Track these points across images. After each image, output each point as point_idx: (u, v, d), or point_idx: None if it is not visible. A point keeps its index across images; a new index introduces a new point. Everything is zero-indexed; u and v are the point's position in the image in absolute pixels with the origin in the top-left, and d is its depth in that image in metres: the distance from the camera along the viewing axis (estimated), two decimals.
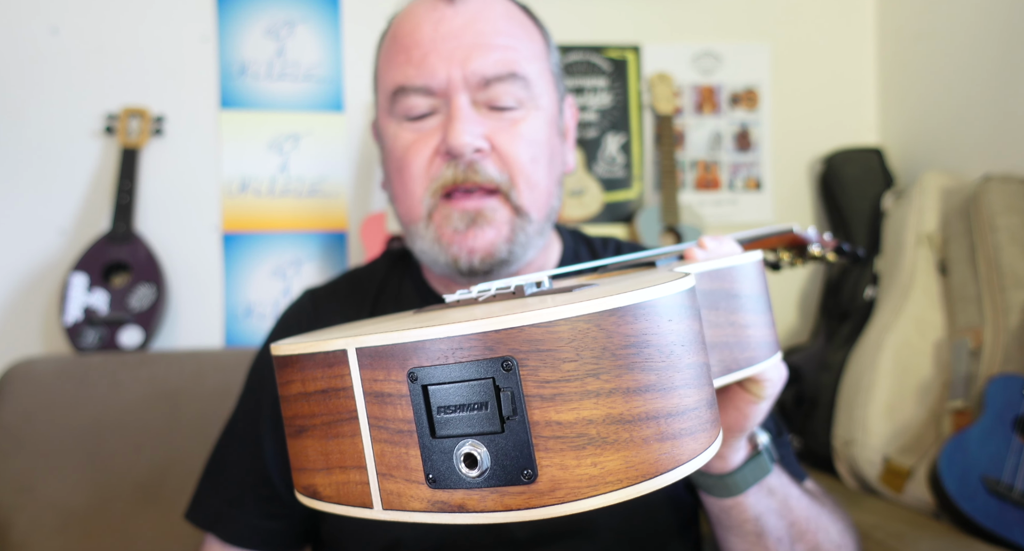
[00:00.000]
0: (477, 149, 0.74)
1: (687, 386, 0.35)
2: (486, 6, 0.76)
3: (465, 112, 0.74)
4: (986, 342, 1.41)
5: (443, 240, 0.76)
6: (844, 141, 2.01)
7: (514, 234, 0.76)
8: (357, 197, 1.83)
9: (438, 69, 0.73)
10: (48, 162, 1.71)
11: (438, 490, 0.34)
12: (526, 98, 0.76)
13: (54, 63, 1.71)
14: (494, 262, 0.76)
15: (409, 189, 0.77)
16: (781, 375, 0.59)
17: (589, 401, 0.32)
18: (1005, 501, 1.20)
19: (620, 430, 0.32)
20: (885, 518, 1.33)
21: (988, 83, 1.67)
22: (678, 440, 0.34)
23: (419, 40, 0.75)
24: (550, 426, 0.32)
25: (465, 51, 0.73)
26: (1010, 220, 1.45)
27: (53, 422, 1.42)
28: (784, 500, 0.69)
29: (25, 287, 1.69)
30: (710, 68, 2.00)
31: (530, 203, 0.77)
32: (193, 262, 1.75)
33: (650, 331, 0.34)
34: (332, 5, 1.83)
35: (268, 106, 1.80)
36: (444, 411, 0.33)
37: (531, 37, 0.79)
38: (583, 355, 0.32)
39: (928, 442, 1.44)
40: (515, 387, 0.32)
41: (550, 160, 0.80)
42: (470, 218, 0.75)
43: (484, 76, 0.74)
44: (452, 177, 0.74)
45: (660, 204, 1.87)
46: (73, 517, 1.37)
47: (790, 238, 0.78)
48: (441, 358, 0.32)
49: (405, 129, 0.77)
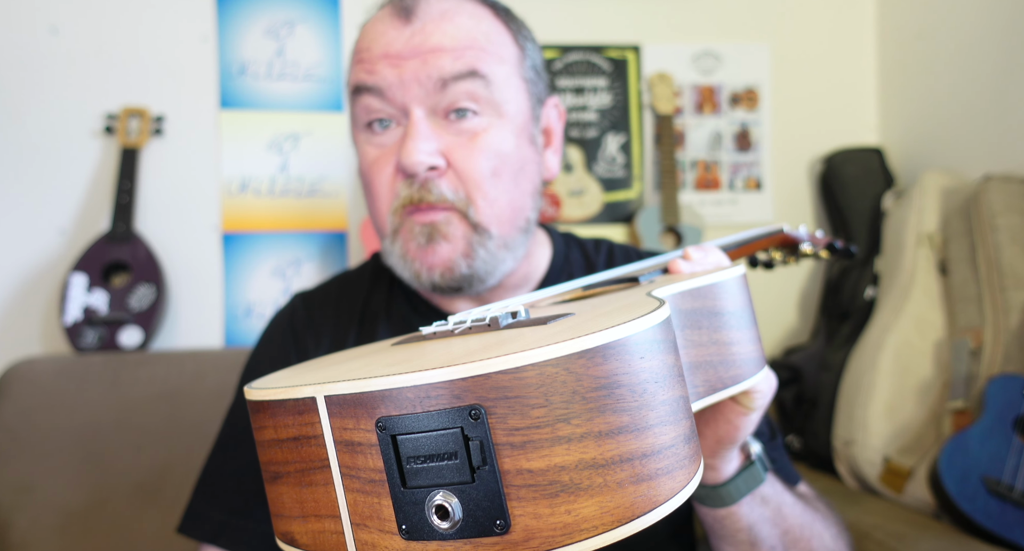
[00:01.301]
0: (431, 167, 0.72)
1: (662, 424, 0.34)
2: (444, 19, 0.73)
3: (419, 127, 0.72)
4: (986, 342, 1.41)
5: (408, 256, 0.76)
6: (844, 141, 2.01)
7: (472, 250, 0.75)
8: (357, 197, 1.83)
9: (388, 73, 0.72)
10: (48, 162, 1.71)
11: (412, 542, 0.33)
12: (487, 100, 0.73)
13: (54, 63, 1.71)
14: (455, 278, 0.75)
15: (376, 206, 0.77)
16: (771, 386, 0.58)
17: (560, 447, 0.31)
18: (1006, 501, 1.20)
19: (594, 475, 0.32)
20: (885, 518, 1.32)
21: (988, 83, 1.67)
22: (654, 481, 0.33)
23: (373, 50, 0.74)
24: (521, 474, 0.31)
25: (421, 57, 0.72)
26: (1010, 220, 1.44)
27: (53, 422, 1.42)
28: (778, 508, 0.69)
29: (25, 287, 1.69)
30: (710, 68, 2.00)
31: (489, 219, 0.75)
32: (193, 262, 1.75)
33: (621, 371, 0.33)
34: (332, 5, 1.83)
35: (268, 106, 1.80)
36: (414, 461, 0.33)
37: (500, 40, 0.76)
38: (552, 400, 0.31)
39: (928, 442, 1.44)
40: (484, 436, 0.31)
41: (518, 172, 0.76)
42: (427, 233, 0.74)
43: (440, 76, 0.71)
44: (408, 196, 0.74)
45: (660, 204, 1.87)
46: (73, 517, 1.37)
47: (781, 238, 0.78)
48: (409, 407, 0.32)
49: (370, 144, 0.77)
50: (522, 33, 0.81)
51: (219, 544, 0.79)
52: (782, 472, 0.80)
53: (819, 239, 0.81)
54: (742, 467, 0.65)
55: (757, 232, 0.77)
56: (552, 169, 0.85)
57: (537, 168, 0.81)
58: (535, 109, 0.81)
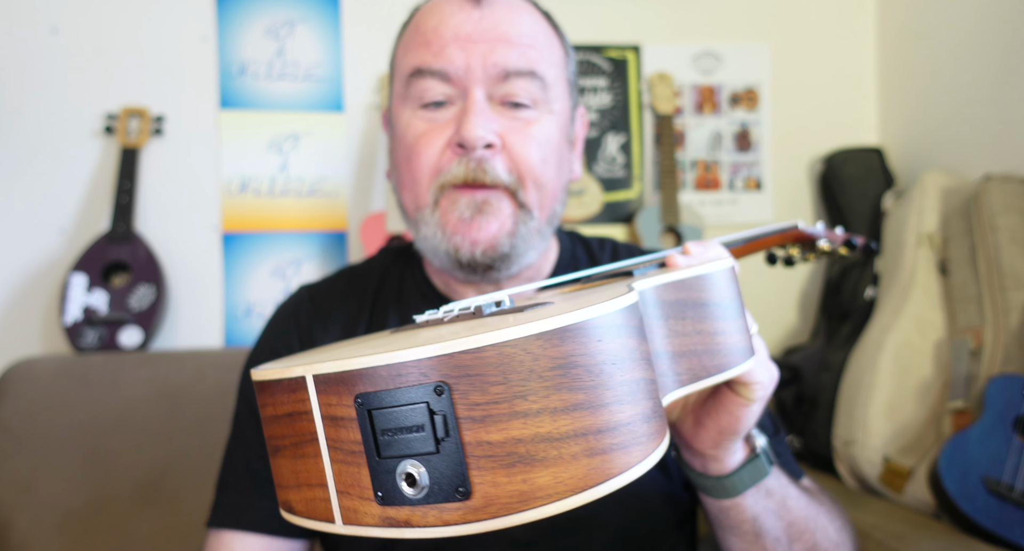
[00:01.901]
0: (489, 144, 0.74)
1: (619, 402, 0.36)
2: (511, 11, 0.77)
3: (481, 106, 0.74)
4: (986, 342, 1.41)
5: (447, 227, 0.76)
6: (844, 141, 2.01)
7: (516, 228, 0.77)
8: (357, 197, 1.83)
9: (456, 57, 0.74)
10: (48, 162, 1.71)
11: (387, 507, 0.36)
12: (541, 99, 0.77)
13: (54, 63, 1.71)
14: (496, 256, 0.76)
15: (417, 177, 0.77)
16: (771, 377, 0.59)
17: (517, 421, 0.34)
18: (1006, 501, 1.20)
19: (548, 448, 0.34)
20: (885, 518, 1.32)
21: (988, 83, 1.67)
22: (608, 455, 0.36)
23: (442, 33, 0.76)
24: (481, 446, 0.34)
25: (490, 44, 0.75)
26: (1010, 220, 1.44)
27: (53, 422, 1.42)
28: (782, 500, 0.69)
29: (25, 287, 1.69)
30: (710, 68, 1.99)
31: (535, 202, 0.77)
32: (193, 262, 1.75)
33: (577, 352, 0.35)
34: (332, 5, 1.83)
35: (268, 106, 1.80)
36: (387, 433, 0.36)
37: (552, 44, 0.80)
38: (510, 378, 0.34)
39: (928, 442, 1.44)
40: (447, 411, 0.34)
41: (559, 165, 0.80)
42: (476, 206, 0.75)
43: (505, 68, 0.74)
44: (462, 175, 0.75)
45: (660, 204, 1.87)
46: (73, 517, 1.37)
47: (795, 235, 0.78)
48: (383, 384, 0.35)
49: (418, 117, 0.77)
50: (565, 41, 0.86)
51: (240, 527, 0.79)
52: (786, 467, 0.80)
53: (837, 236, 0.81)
54: (747, 460, 0.65)
55: (771, 228, 0.77)
56: (577, 172, 0.88)
57: (569, 167, 0.85)
58: (572, 112, 0.85)
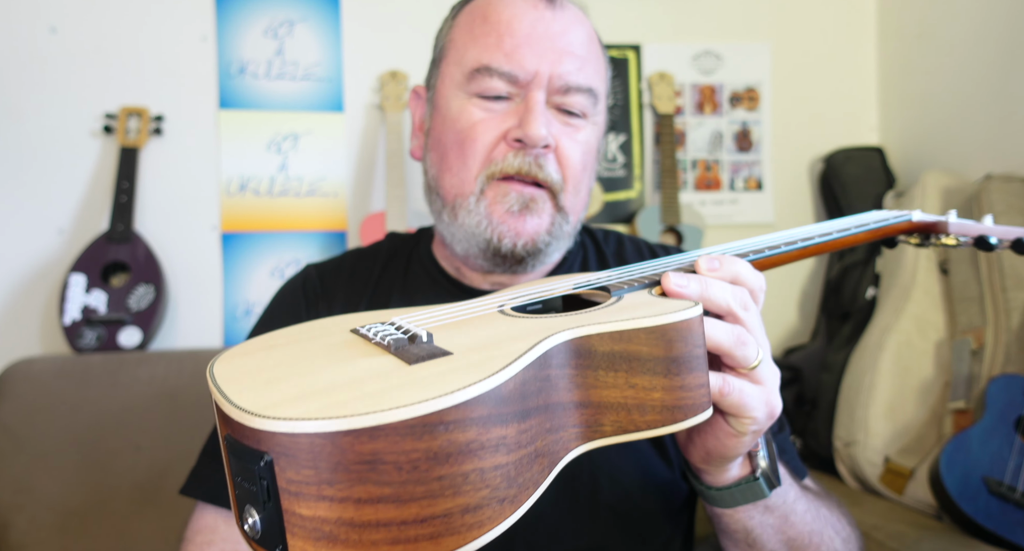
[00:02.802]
0: (547, 145, 0.77)
1: (432, 496, 0.38)
2: (578, 22, 0.80)
3: (542, 107, 0.77)
4: (988, 342, 1.41)
5: (494, 217, 0.78)
6: (845, 140, 2.01)
7: (554, 228, 0.80)
8: (356, 197, 1.83)
9: (528, 62, 0.76)
10: (47, 162, 1.71)
11: (243, 536, 0.42)
12: (591, 112, 0.81)
13: (53, 62, 1.71)
14: (533, 250, 0.80)
15: (467, 164, 0.79)
16: (770, 413, 0.56)
17: (324, 504, 0.37)
18: (1007, 502, 1.20)
19: (350, 531, 0.37)
20: (886, 519, 1.32)
21: (989, 82, 1.67)
22: (413, 544, 0.38)
23: (515, 30, 0.77)
24: (295, 516, 0.38)
25: (558, 54, 0.77)
26: (1012, 220, 1.44)
27: (52, 422, 1.42)
28: (784, 516, 0.68)
29: (24, 287, 1.68)
30: (711, 68, 1.99)
31: (571, 205, 0.81)
32: (192, 262, 1.75)
33: (387, 450, 0.37)
34: (332, 5, 1.83)
35: (267, 106, 1.79)
36: (239, 478, 0.40)
37: (601, 58, 0.84)
38: (320, 465, 0.37)
39: (929, 443, 1.44)
40: (270, 479, 0.38)
41: (592, 173, 0.85)
42: (524, 202, 0.78)
43: (567, 83, 0.77)
44: (517, 167, 0.77)
45: (660, 204, 1.87)
46: (72, 517, 1.37)
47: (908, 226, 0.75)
48: (240, 435, 0.39)
49: (475, 105, 0.79)
50: (606, 53, 0.88)
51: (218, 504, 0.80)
52: (790, 464, 0.79)
53: (991, 229, 0.76)
54: (742, 479, 0.64)
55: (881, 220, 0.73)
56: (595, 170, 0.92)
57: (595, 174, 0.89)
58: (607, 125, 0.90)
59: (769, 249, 0.64)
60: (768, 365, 0.56)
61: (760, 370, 0.55)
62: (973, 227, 0.74)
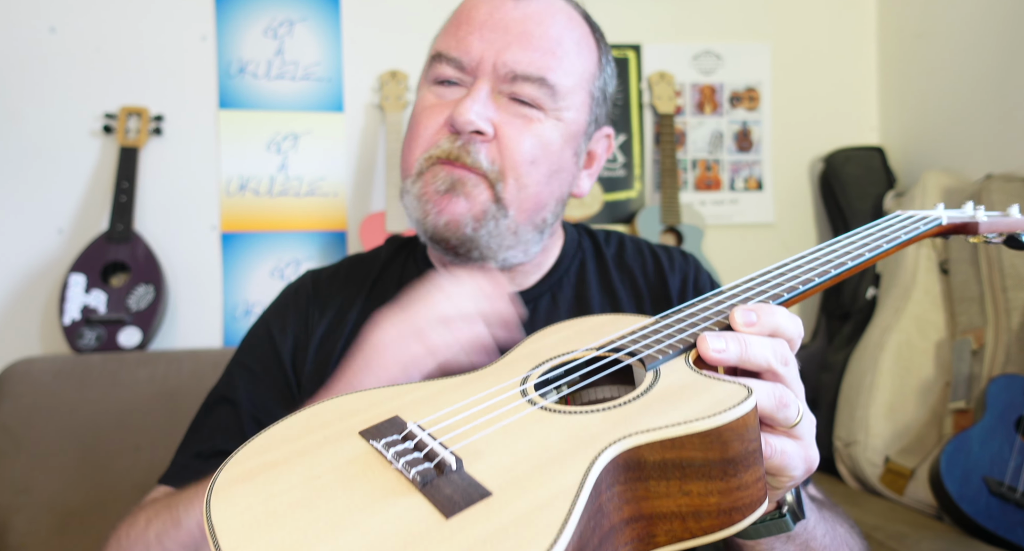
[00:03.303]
0: (477, 130, 0.76)
1: None
2: (547, 12, 0.78)
3: (480, 94, 0.76)
4: (988, 342, 1.41)
5: (424, 197, 0.78)
6: (845, 140, 2.01)
7: (484, 216, 0.77)
8: (357, 197, 1.83)
9: (474, 48, 0.76)
10: (46, 162, 1.70)
11: None
12: (549, 106, 0.78)
13: (53, 62, 1.71)
14: (456, 236, 0.78)
15: (412, 148, 0.81)
16: (808, 468, 0.53)
17: None
18: (1007, 502, 1.20)
19: None
20: (886, 519, 1.32)
21: (989, 82, 1.67)
22: None
23: (472, 18, 0.78)
24: None
25: (506, 41, 0.76)
26: None
27: (51, 422, 1.41)
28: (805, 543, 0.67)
29: (23, 287, 1.68)
30: (711, 67, 1.99)
31: (512, 200, 0.77)
32: (192, 262, 1.75)
33: None
34: (332, 4, 1.83)
35: (267, 106, 1.79)
36: None
37: (581, 54, 0.80)
38: None
39: (930, 443, 1.44)
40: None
41: (554, 171, 0.80)
42: (450, 182, 0.77)
43: (513, 71, 0.76)
44: (447, 151, 0.77)
45: (661, 204, 1.87)
46: (72, 518, 1.37)
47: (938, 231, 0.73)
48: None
49: (431, 91, 0.80)
50: (606, 55, 0.85)
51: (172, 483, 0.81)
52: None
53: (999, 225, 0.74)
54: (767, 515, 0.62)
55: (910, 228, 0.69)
56: (583, 188, 0.88)
57: (571, 179, 0.84)
58: (590, 126, 0.84)
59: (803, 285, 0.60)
60: (807, 420, 0.53)
61: (800, 426, 0.52)
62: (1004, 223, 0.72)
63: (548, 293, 0.85)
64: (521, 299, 0.82)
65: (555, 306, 0.84)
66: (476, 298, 0.66)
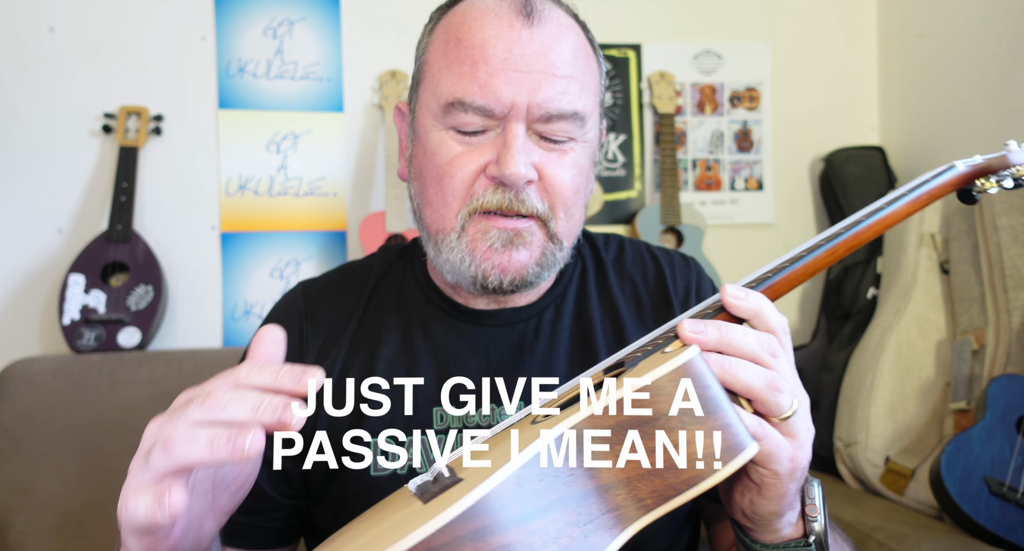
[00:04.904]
0: (528, 181, 0.74)
1: None
2: (561, 35, 0.75)
3: (521, 142, 0.73)
4: (989, 342, 1.41)
5: (477, 254, 0.75)
6: (846, 140, 2.00)
7: (544, 258, 0.76)
8: (356, 196, 1.83)
9: (504, 94, 0.72)
10: (46, 162, 1.70)
11: None
12: (579, 134, 0.77)
13: (52, 62, 1.70)
14: (522, 283, 0.77)
15: (447, 200, 0.76)
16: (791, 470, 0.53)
17: None
18: (1008, 503, 1.20)
19: None
20: (887, 519, 1.32)
21: (990, 82, 1.66)
22: None
23: (489, 56, 0.72)
24: None
25: (535, 80, 0.72)
26: (1013, 220, 1.44)
27: (51, 422, 1.41)
28: None
29: (23, 287, 1.68)
30: (711, 67, 1.99)
31: (564, 231, 0.77)
32: (191, 262, 1.75)
33: None
34: (332, 4, 1.83)
35: (266, 106, 1.79)
36: None
37: (591, 69, 0.78)
38: None
39: (930, 443, 1.44)
40: None
41: (587, 189, 0.81)
42: (508, 238, 0.75)
43: (548, 111, 0.73)
44: (497, 203, 0.74)
45: (661, 204, 1.87)
46: (71, 518, 1.37)
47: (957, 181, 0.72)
48: None
49: (452, 138, 0.75)
50: (599, 54, 0.82)
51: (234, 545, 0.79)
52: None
53: None
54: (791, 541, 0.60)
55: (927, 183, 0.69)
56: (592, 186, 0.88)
57: (592, 185, 0.85)
58: (603, 132, 0.85)
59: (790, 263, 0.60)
60: (803, 419, 0.53)
61: (794, 422, 0.52)
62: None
63: (552, 306, 0.84)
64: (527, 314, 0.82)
65: (558, 318, 0.83)
66: (259, 404, 0.51)
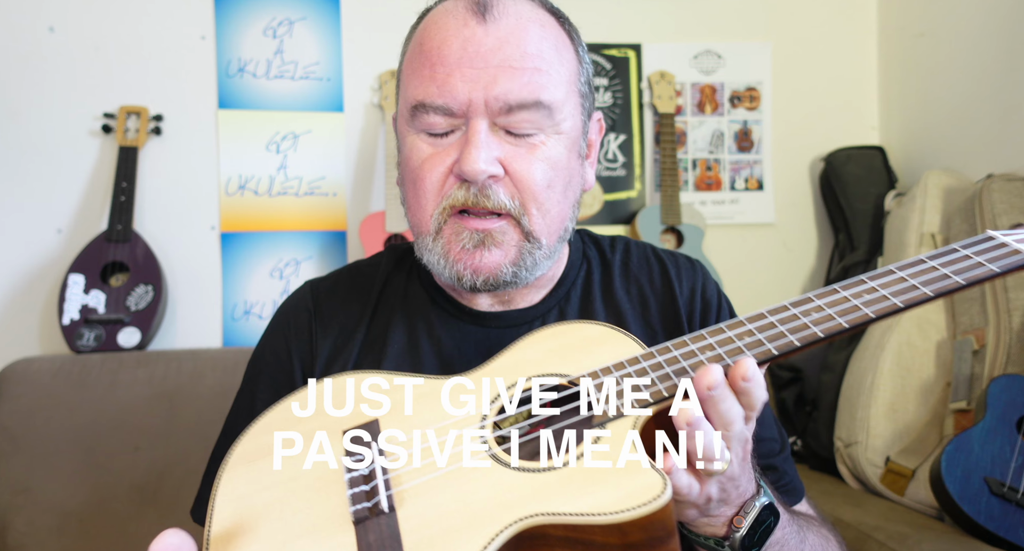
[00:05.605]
0: (490, 175, 0.73)
1: None
2: (519, 27, 0.74)
3: (482, 137, 0.73)
4: (989, 342, 1.41)
5: (450, 256, 0.76)
6: (846, 140, 2.00)
7: (521, 257, 0.76)
8: (356, 196, 1.83)
9: (459, 91, 0.72)
10: (45, 162, 1.70)
11: None
12: (548, 125, 0.75)
13: (52, 62, 1.70)
14: (497, 283, 0.77)
15: (421, 203, 0.77)
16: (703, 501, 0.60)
17: None
18: (1008, 503, 1.19)
19: None
20: (887, 520, 1.32)
21: (990, 82, 1.66)
22: None
23: (445, 56, 0.73)
24: None
25: (491, 75, 0.72)
26: (1013, 220, 1.44)
27: (51, 423, 1.41)
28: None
29: (22, 287, 1.68)
30: (711, 67, 1.99)
31: (540, 228, 0.76)
32: (191, 262, 1.75)
33: None
34: (332, 4, 1.83)
35: (266, 105, 1.79)
36: None
37: (562, 56, 0.77)
38: None
39: (930, 443, 1.44)
40: None
41: (567, 184, 0.79)
42: (479, 238, 0.75)
43: (507, 102, 0.72)
44: (463, 199, 0.74)
45: (661, 204, 1.86)
46: (71, 518, 1.37)
47: None
48: None
49: (423, 140, 0.76)
50: (581, 44, 0.82)
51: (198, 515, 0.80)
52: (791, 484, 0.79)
53: None
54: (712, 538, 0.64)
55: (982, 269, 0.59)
56: (590, 182, 0.87)
57: (580, 180, 0.83)
58: (585, 124, 0.83)
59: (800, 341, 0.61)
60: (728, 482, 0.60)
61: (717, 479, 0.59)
62: None
63: (556, 308, 0.84)
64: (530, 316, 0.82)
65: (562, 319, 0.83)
66: None
